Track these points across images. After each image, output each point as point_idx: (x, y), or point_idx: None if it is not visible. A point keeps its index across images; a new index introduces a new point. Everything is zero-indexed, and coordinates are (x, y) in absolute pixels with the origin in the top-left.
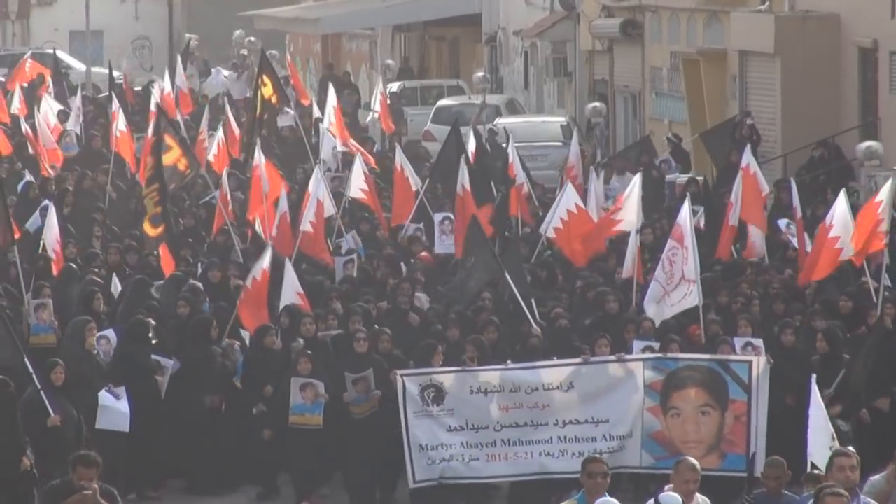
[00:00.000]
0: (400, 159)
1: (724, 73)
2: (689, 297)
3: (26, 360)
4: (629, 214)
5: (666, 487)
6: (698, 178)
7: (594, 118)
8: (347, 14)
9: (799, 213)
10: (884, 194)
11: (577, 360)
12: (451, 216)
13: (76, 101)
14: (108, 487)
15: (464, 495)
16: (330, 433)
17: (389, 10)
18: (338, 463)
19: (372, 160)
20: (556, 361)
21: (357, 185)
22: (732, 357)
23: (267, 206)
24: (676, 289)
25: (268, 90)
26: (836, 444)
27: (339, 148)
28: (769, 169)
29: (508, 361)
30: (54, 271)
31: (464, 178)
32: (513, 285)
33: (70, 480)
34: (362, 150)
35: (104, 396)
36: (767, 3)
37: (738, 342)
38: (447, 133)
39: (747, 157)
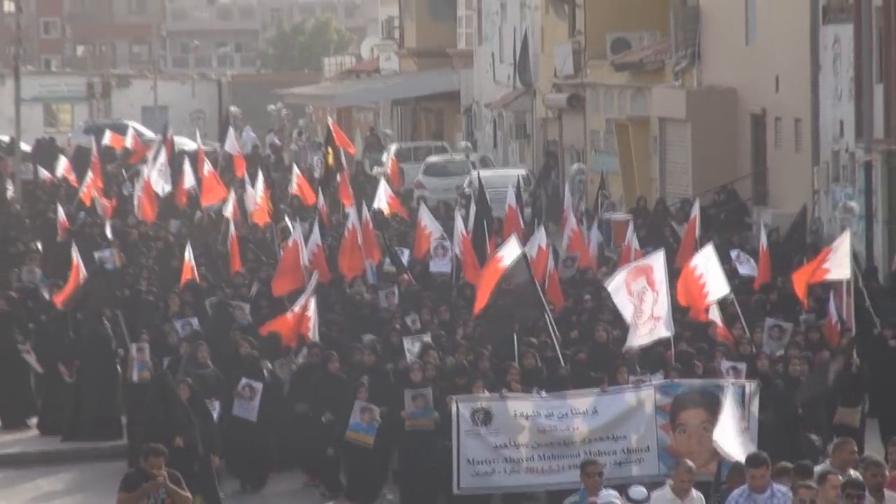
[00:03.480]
0: (422, 211)
1: (648, 134)
2: (655, 330)
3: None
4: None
5: (668, 483)
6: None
7: (578, 176)
8: (356, 91)
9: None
10: (839, 243)
11: (597, 389)
12: (445, 243)
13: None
14: (174, 472)
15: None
16: (383, 449)
17: (389, 88)
18: (386, 475)
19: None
20: (582, 391)
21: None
22: (729, 382)
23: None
24: (644, 324)
25: (330, 158)
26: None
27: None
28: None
29: (543, 392)
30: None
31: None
32: (551, 325)
33: (143, 469)
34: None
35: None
36: (680, 81)
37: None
38: (434, 182)
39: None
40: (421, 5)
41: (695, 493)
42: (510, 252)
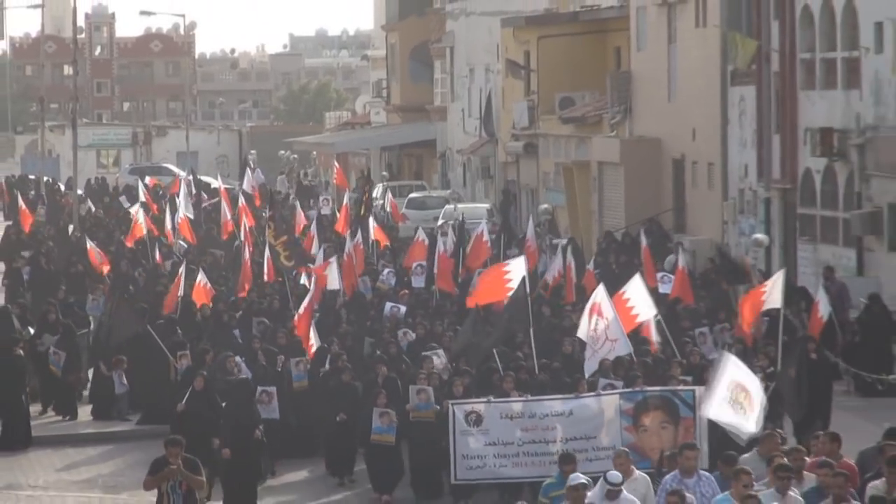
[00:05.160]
0: (420, 234)
1: (588, 175)
2: (613, 350)
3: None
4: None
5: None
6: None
7: (544, 215)
8: (351, 140)
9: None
10: (776, 280)
11: (573, 395)
12: (423, 263)
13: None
14: (191, 458)
15: (495, 490)
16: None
17: (378, 137)
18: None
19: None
20: (559, 396)
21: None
22: (681, 388)
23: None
24: (602, 347)
25: (366, 197)
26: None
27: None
28: (618, 237)
29: (528, 395)
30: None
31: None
32: (532, 337)
33: (165, 456)
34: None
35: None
36: (615, 132)
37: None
38: (416, 214)
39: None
40: (404, 70)
41: (638, 473)
42: (516, 267)
